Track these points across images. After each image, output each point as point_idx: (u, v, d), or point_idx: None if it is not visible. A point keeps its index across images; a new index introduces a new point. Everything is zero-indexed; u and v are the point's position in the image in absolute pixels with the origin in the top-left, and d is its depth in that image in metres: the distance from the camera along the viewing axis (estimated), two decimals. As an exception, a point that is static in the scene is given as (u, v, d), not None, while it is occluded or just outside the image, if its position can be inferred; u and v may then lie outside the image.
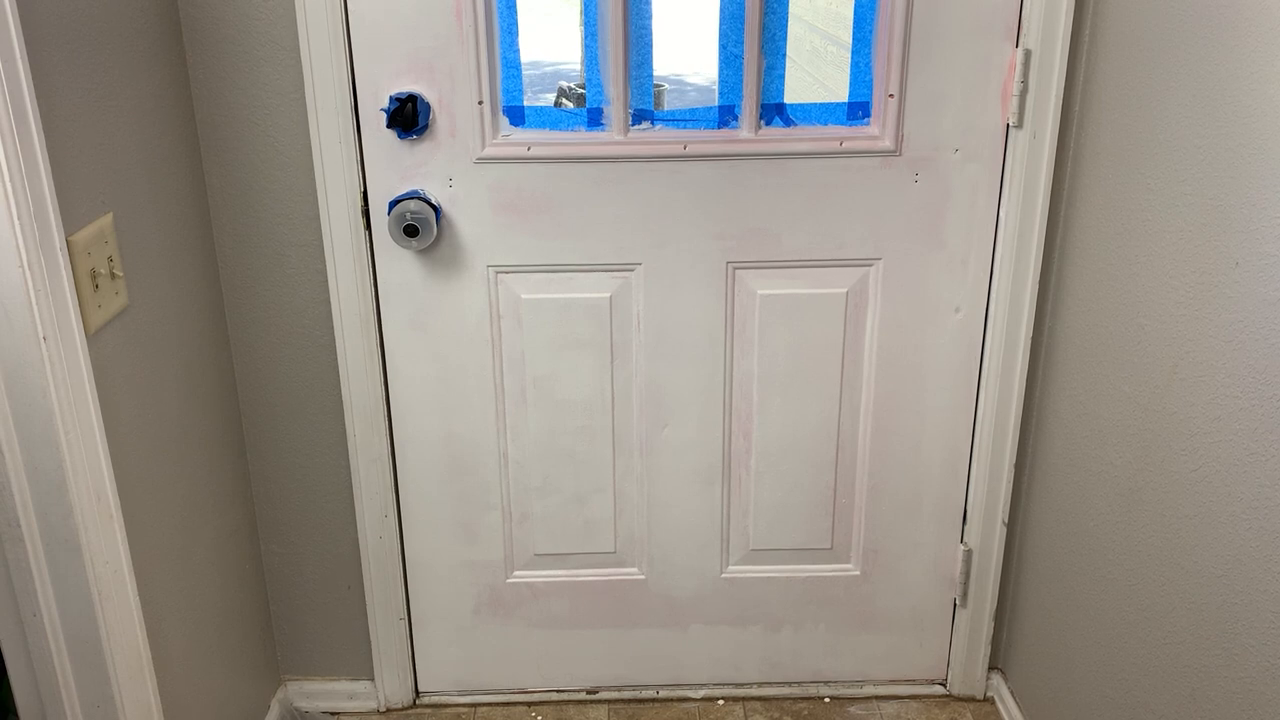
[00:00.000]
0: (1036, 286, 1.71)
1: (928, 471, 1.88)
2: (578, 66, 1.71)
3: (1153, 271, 1.41)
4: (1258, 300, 1.19)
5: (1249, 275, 1.21)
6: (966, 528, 1.92)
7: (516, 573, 1.94)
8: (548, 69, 1.77)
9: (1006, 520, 1.87)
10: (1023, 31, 1.59)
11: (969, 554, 1.92)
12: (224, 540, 1.73)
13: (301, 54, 1.57)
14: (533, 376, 1.80)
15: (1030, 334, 1.74)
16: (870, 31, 1.62)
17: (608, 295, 1.75)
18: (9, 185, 1.12)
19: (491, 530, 1.90)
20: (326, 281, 1.71)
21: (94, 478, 1.28)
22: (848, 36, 1.64)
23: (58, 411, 1.21)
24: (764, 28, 1.61)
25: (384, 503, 1.85)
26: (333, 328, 1.74)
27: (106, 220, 1.34)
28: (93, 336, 1.31)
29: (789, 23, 1.62)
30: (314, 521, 1.88)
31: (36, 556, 1.24)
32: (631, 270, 1.74)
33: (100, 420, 1.29)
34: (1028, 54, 1.59)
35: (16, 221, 1.14)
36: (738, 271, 1.74)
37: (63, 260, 1.22)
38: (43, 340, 1.18)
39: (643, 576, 1.95)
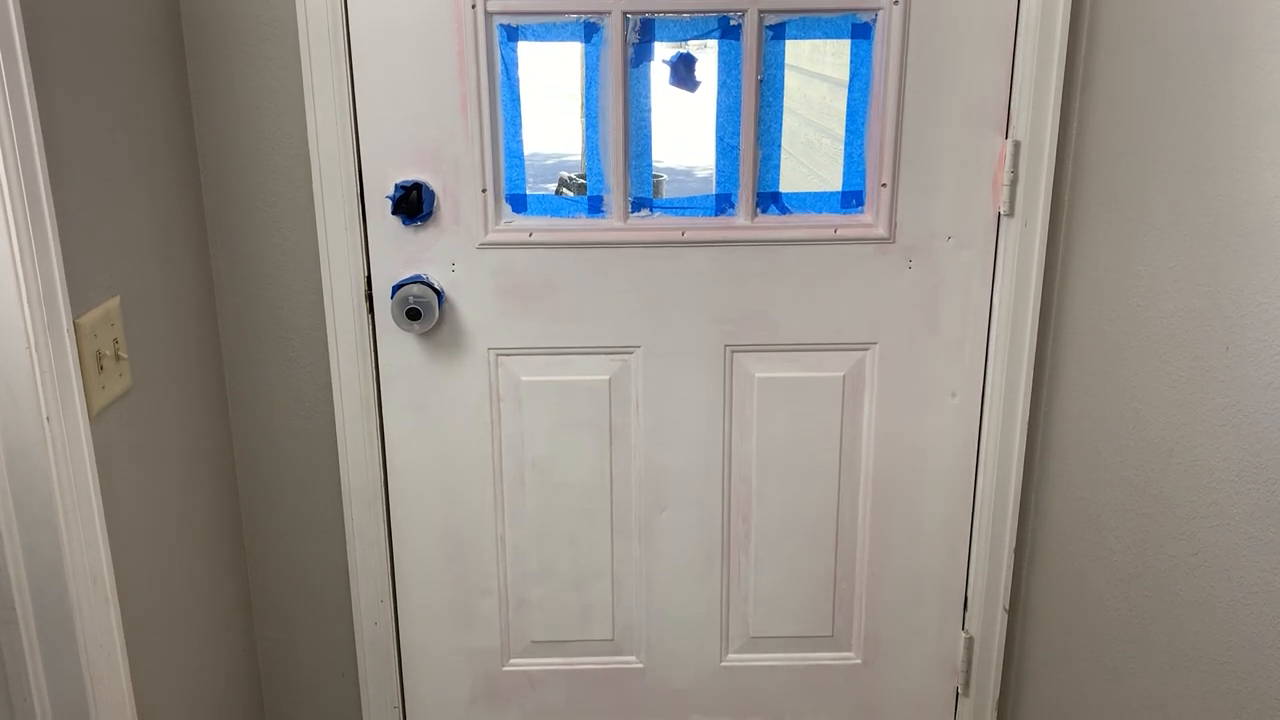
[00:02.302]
0: (1031, 371, 1.73)
1: (928, 557, 1.87)
2: (578, 158, 1.75)
3: (1146, 356, 1.42)
4: (1249, 384, 1.21)
5: (1239, 359, 1.22)
6: (968, 614, 1.90)
7: (513, 661, 1.91)
8: (550, 161, 1.81)
9: (1008, 606, 1.85)
10: (1012, 123, 1.64)
11: (970, 641, 1.90)
12: (218, 625, 1.72)
13: (309, 143, 1.61)
14: (531, 459, 1.80)
15: (1026, 418, 1.75)
16: (863, 123, 1.67)
17: (607, 378, 1.76)
18: (20, 268, 1.14)
19: (488, 616, 1.88)
20: (328, 364, 1.72)
21: (91, 561, 1.27)
22: (840, 130, 1.69)
23: (58, 493, 1.21)
24: (759, 120, 1.66)
25: (380, 588, 1.83)
26: (333, 410, 1.75)
27: (113, 303, 1.36)
28: (95, 418, 1.32)
29: (784, 116, 1.67)
30: (309, 606, 1.86)
31: (30, 639, 1.23)
32: (631, 353, 1.76)
33: (99, 503, 1.29)
34: (1017, 145, 1.63)
35: (26, 303, 1.15)
36: (736, 355, 1.76)
37: (69, 342, 1.23)
38: (46, 421, 1.19)
39: (641, 665, 1.92)
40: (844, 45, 1.65)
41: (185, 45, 1.58)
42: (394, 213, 1.65)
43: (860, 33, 1.63)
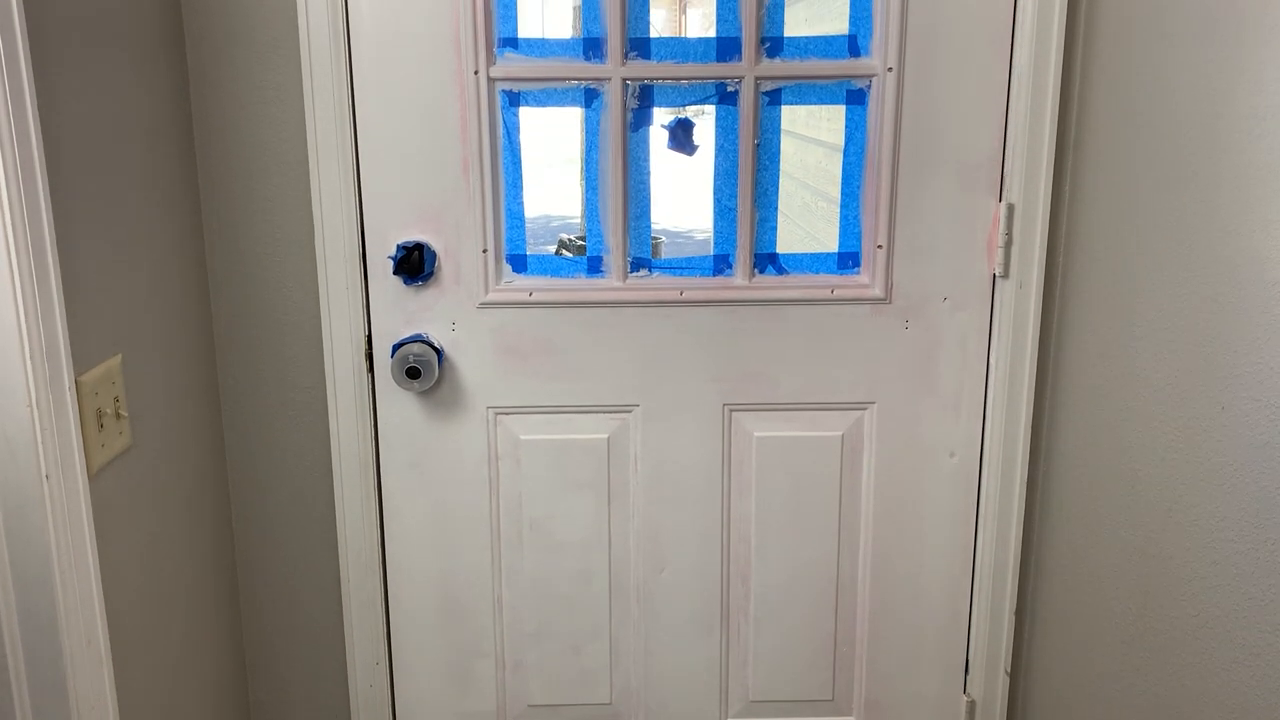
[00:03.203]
0: (1029, 432, 1.73)
1: (928, 619, 1.86)
2: (578, 220, 1.78)
3: (1143, 416, 1.43)
4: (1246, 444, 1.21)
5: (1236, 419, 1.23)
6: (969, 677, 1.88)
7: (509, 723, 1.89)
8: (555, 223, 1.84)
9: (1009, 669, 1.83)
10: (1005, 186, 1.67)
11: (972, 705, 1.88)
12: (213, 686, 1.70)
13: (313, 203, 1.63)
14: (530, 518, 1.80)
15: (1025, 479, 1.75)
16: (858, 186, 1.70)
17: (606, 436, 1.77)
18: (24, 326, 1.15)
19: (484, 679, 1.86)
20: (327, 423, 1.73)
21: (86, 621, 1.26)
22: (836, 193, 1.72)
23: (54, 552, 1.21)
24: (756, 183, 1.68)
25: (375, 650, 1.81)
26: (331, 469, 1.75)
27: (115, 362, 1.37)
28: (94, 476, 1.32)
29: (780, 179, 1.69)
30: (304, 668, 1.84)
31: (21, 699, 1.22)
32: (629, 412, 1.76)
33: (96, 562, 1.28)
34: (1011, 208, 1.66)
35: (29, 361, 1.16)
36: (734, 414, 1.77)
37: (70, 400, 1.24)
38: (45, 479, 1.19)
39: (639, 728, 1.90)
40: (839, 111, 1.68)
41: (192, 108, 1.61)
42: (395, 273, 1.67)
43: (855, 99, 1.66)
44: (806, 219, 1.86)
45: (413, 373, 1.67)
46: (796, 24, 1.69)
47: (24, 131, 1.14)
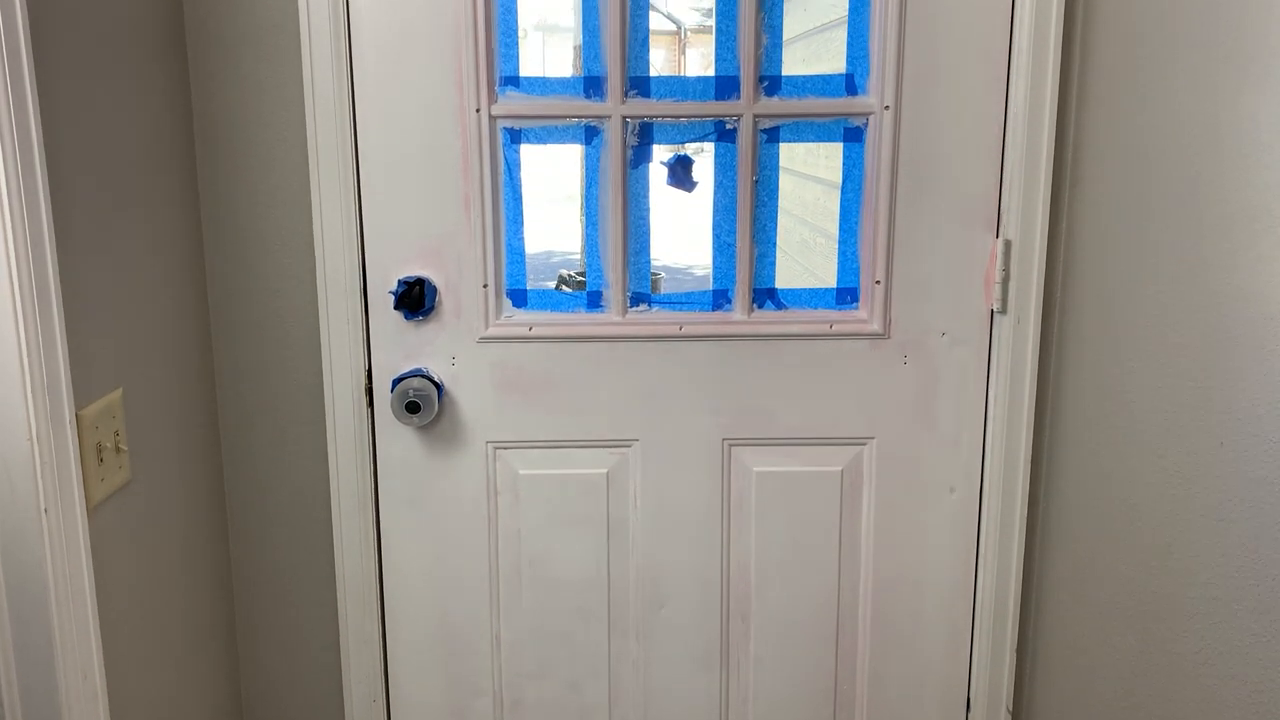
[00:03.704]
0: (1029, 467, 1.73)
1: (929, 657, 1.85)
2: (578, 255, 1.79)
3: (1141, 452, 1.43)
4: (1244, 479, 1.21)
5: (1233, 455, 1.23)
6: (971, 716, 1.86)
7: (507, 762, 1.87)
8: (555, 259, 1.85)
9: (1011, 708, 1.82)
10: (1002, 223, 1.68)
11: (975, 744, 1.86)
12: (206, 724, 1.68)
13: (315, 239, 1.64)
14: (528, 555, 1.79)
15: (1025, 514, 1.75)
16: (856, 222, 1.71)
17: (605, 471, 1.77)
18: (26, 358, 1.16)
19: (483, 717, 1.84)
20: (326, 457, 1.73)
21: (83, 656, 1.26)
22: (834, 229, 1.73)
23: (52, 586, 1.20)
24: (755, 219, 1.70)
25: (373, 688, 1.80)
26: (330, 504, 1.74)
27: (116, 396, 1.37)
28: (93, 510, 1.32)
29: (779, 216, 1.71)
30: (301, 705, 1.82)
31: (15, 736, 1.21)
32: (629, 446, 1.76)
33: (93, 596, 1.28)
34: (1008, 244, 1.67)
35: (30, 394, 1.17)
36: (734, 449, 1.77)
37: (70, 434, 1.24)
38: (44, 513, 1.19)
39: (638, 767, 1.88)
40: (836, 148, 1.70)
41: (195, 141, 1.63)
42: (396, 307, 1.68)
43: (852, 136, 1.68)
44: (805, 255, 1.87)
45: (412, 407, 1.67)
46: (794, 63, 1.72)
47: (29, 163, 1.15)
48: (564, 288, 1.81)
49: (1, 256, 1.13)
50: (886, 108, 1.64)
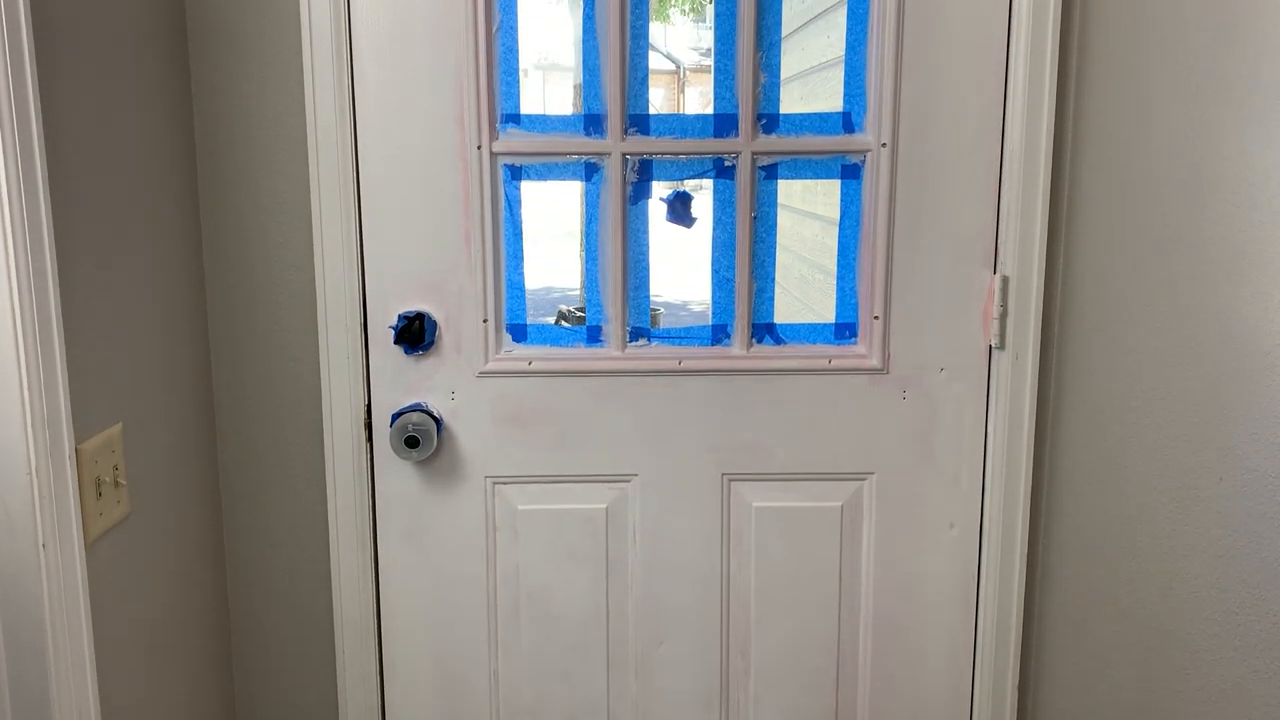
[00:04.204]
0: (1029, 503, 1.73)
1: (931, 694, 1.83)
2: (577, 291, 1.80)
3: (1141, 487, 1.43)
4: (1243, 514, 1.21)
5: (1233, 490, 1.23)
6: (973, 754, 1.84)
7: (504, 802, 1.85)
8: (554, 294, 1.86)
9: (1014, 746, 1.80)
10: (999, 259, 1.69)
11: (977, 783, 1.84)
12: (201, 763, 1.67)
13: (316, 275, 1.65)
14: (527, 590, 1.78)
15: (1025, 550, 1.74)
16: (854, 258, 1.72)
17: (604, 506, 1.76)
18: (26, 392, 1.16)
19: (480, 754, 1.83)
20: (325, 493, 1.73)
21: (78, 693, 1.25)
22: (833, 266, 1.74)
23: (49, 621, 1.20)
24: (753, 255, 1.71)
25: (370, 723, 1.78)
26: (328, 539, 1.74)
27: (115, 430, 1.37)
28: (91, 545, 1.31)
29: (777, 252, 1.72)
30: (296, 743, 1.81)
31: (9, 774, 1.20)
32: (628, 481, 1.76)
33: (90, 632, 1.27)
34: (1005, 280, 1.68)
35: (30, 428, 1.17)
36: (733, 484, 1.77)
37: (70, 468, 1.24)
38: (41, 547, 1.19)
39: (637, 807, 1.86)
40: (834, 185, 1.72)
41: (198, 176, 1.64)
42: (397, 342, 1.68)
43: (850, 173, 1.69)
44: (803, 290, 1.88)
45: (411, 442, 1.67)
46: (792, 101, 1.74)
47: (33, 193, 1.16)
48: (564, 323, 1.81)
49: (4, 290, 1.14)
50: (883, 145, 1.66)
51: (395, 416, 1.69)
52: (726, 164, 1.68)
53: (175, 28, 1.56)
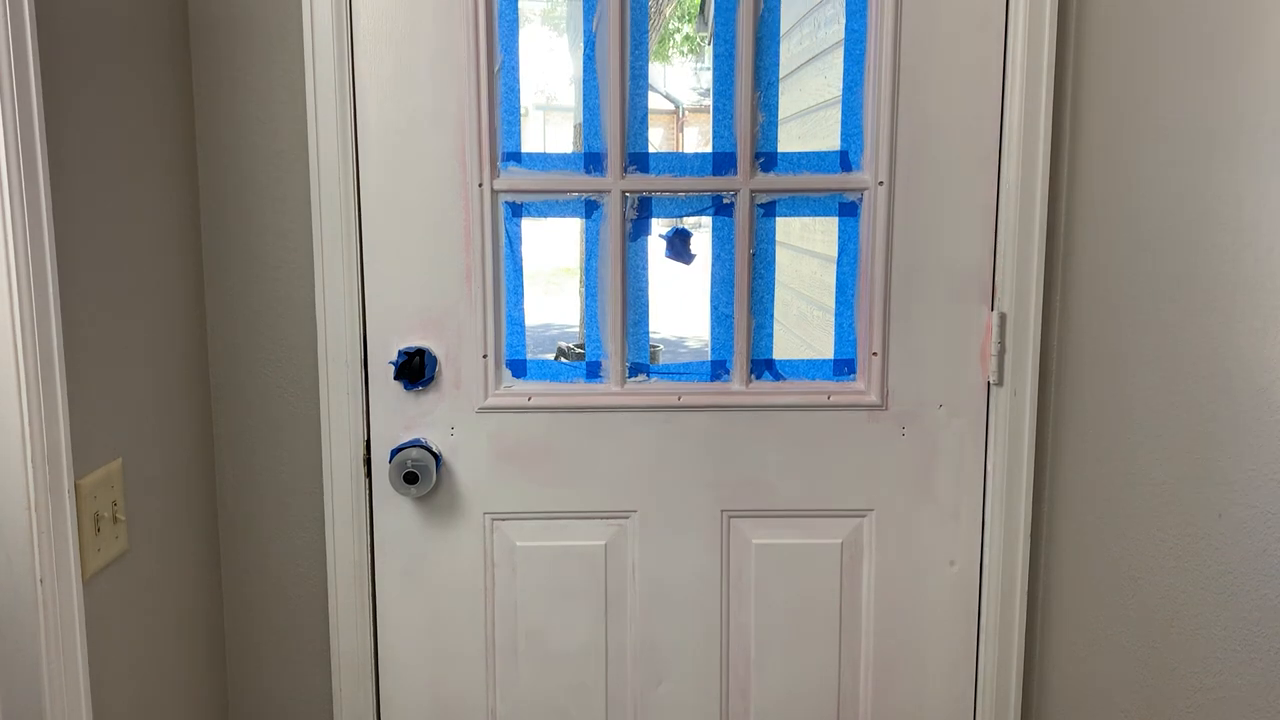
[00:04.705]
0: (1028, 540, 1.73)
1: (932, 733, 1.82)
2: (577, 328, 1.80)
3: (1141, 524, 1.43)
4: (1244, 551, 1.21)
5: (1233, 526, 1.23)
6: (976, 795, 1.82)
7: (501, 843, 1.83)
8: (554, 331, 1.87)
9: (1017, 787, 1.78)
10: (997, 296, 1.70)
11: (980, 825, 1.82)
12: (195, 803, 1.65)
13: (317, 310, 1.66)
14: (525, 628, 1.77)
15: (1026, 588, 1.74)
16: (852, 295, 1.73)
17: (603, 543, 1.76)
18: (27, 428, 1.17)
19: (477, 795, 1.81)
20: (323, 528, 1.72)
21: (71, 728, 1.24)
22: (831, 302, 1.75)
23: (45, 658, 1.19)
24: (752, 292, 1.72)
25: (366, 763, 1.77)
26: (326, 575, 1.73)
27: (115, 465, 1.37)
28: (89, 581, 1.31)
29: (776, 289, 1.73)
30: (291, 783, 1.79)
31: (1, 813, 1.19)
32: (627, 517, 1.76)
33: (86, 669, 1.26)
34: (1003, 317, 1.69)
35: (30, 463, 1.17)
36: (733, 520, 1.76)
37: (69, 503, 1.24)
38: (39, 583, 1.19)
39: None
40: (832, 223, 1.73)
41: (200, 209, 1.65)
42: (396, 378, 1.69)
43: (847, 211, 1.71)
44: (802, 327, 1.89)
45: (410, 478, 1.67)
46: (790, 140, 1.75)
47: (38, 231, 1.17)
48: (563, 359, 1.82)
49: (6, 325, 1.14)
50: (880, 183, 1.67)
51: (394, 452, 1.69)
52: (725, 201, 1.70)
53: (182, 84, 1.58)
